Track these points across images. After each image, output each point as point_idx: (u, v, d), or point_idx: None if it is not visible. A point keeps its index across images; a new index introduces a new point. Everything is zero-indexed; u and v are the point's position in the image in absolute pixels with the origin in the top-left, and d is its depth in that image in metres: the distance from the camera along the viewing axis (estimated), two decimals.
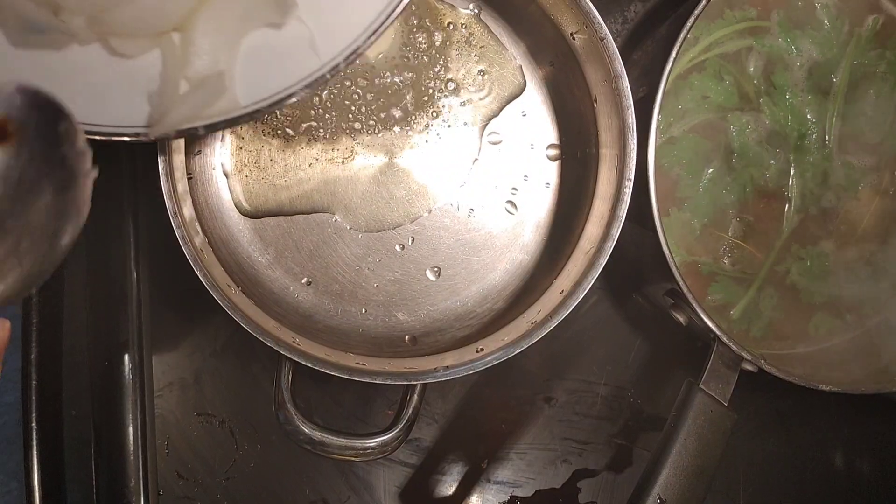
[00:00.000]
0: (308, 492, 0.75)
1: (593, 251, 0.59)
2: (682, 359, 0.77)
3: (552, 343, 0.67)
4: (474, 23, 0.67)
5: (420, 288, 0.67)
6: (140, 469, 0.67)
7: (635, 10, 0.76)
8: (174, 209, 0.56)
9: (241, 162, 0.66)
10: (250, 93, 0.45)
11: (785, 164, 0.69)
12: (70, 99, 0.39)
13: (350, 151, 0.67)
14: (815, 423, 0.79)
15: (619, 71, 0.58)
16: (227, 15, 0.44)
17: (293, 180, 0.66)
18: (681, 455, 0.58)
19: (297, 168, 0.66)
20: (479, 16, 0.67)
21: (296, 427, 0.58)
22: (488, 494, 0.77)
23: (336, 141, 0.66)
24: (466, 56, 0.67)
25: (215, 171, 0.65)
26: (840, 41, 0.69)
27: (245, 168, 0.66)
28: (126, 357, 0.68)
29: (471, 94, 0.67)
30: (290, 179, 0.66)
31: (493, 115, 0.68)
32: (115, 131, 0.44)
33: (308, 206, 0.66)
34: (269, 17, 0.45)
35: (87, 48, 0.43)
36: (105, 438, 0.67)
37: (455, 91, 0.67)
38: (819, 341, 0.71)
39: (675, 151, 0.68)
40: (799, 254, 0.70)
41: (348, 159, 0.67)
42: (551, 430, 0.77)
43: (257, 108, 0.45)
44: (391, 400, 0.76)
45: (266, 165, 0.66)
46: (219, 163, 0.65)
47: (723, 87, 0.68)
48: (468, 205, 0.68)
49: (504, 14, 0.67)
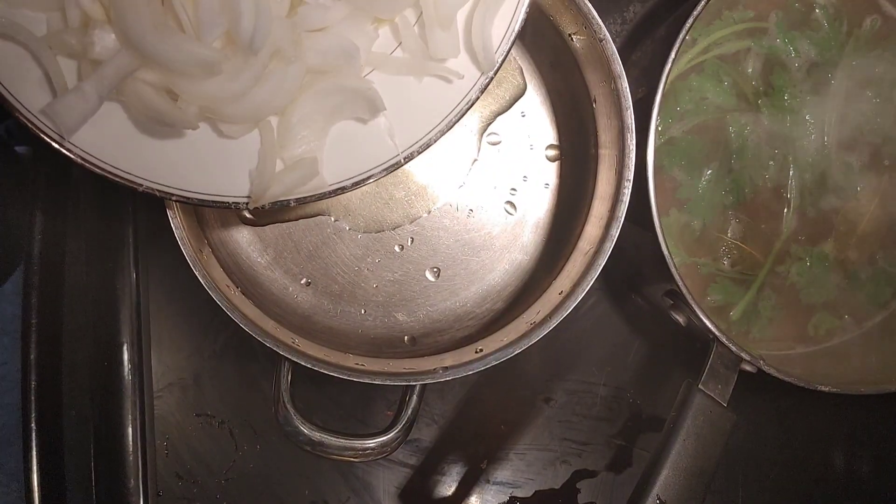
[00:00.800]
0: (307, 492, 0.75)
1: (592, 252, 0.59)
2: (681, 359, 0.77)
3: (551, 343, 0.67)
4: None
5: (419, 288, 0.67)
6: (139, 469, 0.67)
7: (634, 11, 0.76)
8: (173, 210, 0.56)
9: None
10: (335, 173, 0.52)
11: (784, 164, 0.69)
12: (184, 171, 0.49)
13: None
14: (814, 423, 0.79)
15: (618, 72, 0.58)
16: (321, 107, 0.51)
17: None
18: (680, 456, 0.58)
19: None
20: None
21: (295, 428, 0.58)
22: (487, 495, 0.77)
23: None
24: None
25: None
26: (838, 42, 0.69)
27: None
28: (126, 357, 0.68)
29: None
30: None
31: (494, 116, 0.68)
32: (221, 200, 0.51)
33: (309, 210, 0.67)
34: (358, 113, 0.52)
35: (199, 130, 0.50)
36: (105, 439, 0.67)
37: None
38: (819, 341, 0.72)
39: (674, 152, 0.68)
40: (798, 254, 0.70)
41: None
42: (551, 431, 0.77)
43: (341, 187, 0.52)
44: (390, 400, 0.76)
45: None
46: None
47: (721, 88, 0.68)
48: (467, 205, 0.68)
49: None
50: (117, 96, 0.48)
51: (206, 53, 0.45)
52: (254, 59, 0.47)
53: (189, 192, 0.50)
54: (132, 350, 0.68)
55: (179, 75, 0.46)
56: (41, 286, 0.66)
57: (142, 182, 0.49)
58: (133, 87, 0.47)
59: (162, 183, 0.50)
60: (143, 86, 0.47)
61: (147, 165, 0.49)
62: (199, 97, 0.47)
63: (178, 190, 0.50)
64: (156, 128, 0.49)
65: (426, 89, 0.52)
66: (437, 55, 0.51)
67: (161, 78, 0.47)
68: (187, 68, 0.46)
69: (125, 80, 0.46)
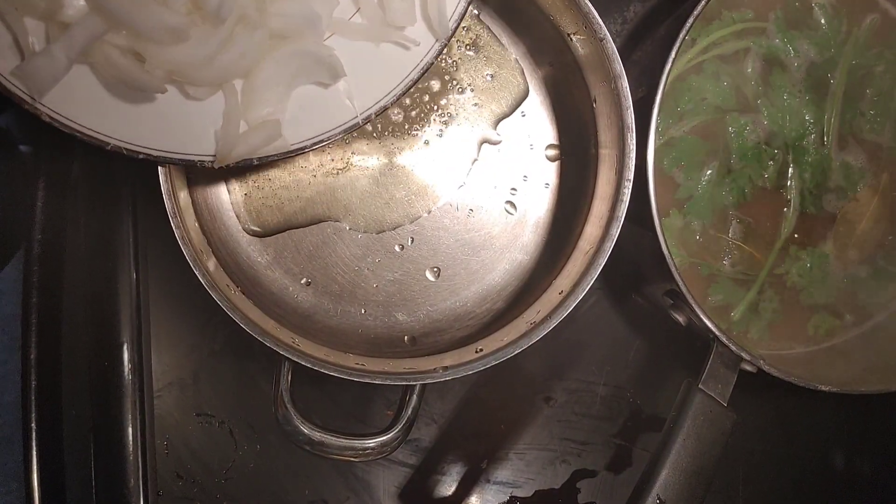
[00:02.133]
0: (307, 492, 0.75)
1: (592, 251, 0.59)
2: (681, 359, 0.77)
3: (551, 343, 0.67)
4: (477, 24, 0.67)
5: (419, 288, 0.67)
6: (139, 469, 0.67)
7: (634, 11, 0.76)
8: (173, 209, 0.56)
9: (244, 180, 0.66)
10: (296, 133, 0.54)
11: (784, 164, 0.69)
12: (151, 131, 0.51)
13: (350, 154, 0.67)
14: (815, 423, 0.79)
15: (618, 71, 0.58)
16: (283, 72, 0.52)
17: (294, 192, 0.66)
18: (680, 455, 0.58)
19: (298, 174, 0.66)
20: (479, 17, 0.68)
21: (295, 427, 0.58)
22: (488, 495, 0.76)
23: (335, 145, 0.66)
24: (474, 61, 0.67)
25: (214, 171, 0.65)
26: (838, 41, 0.69)
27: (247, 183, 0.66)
28: (125, 357, 0.68)
29: (473, 96, 0.68)
30: (293, 191, 0.66)
31: (498, 120, 0.68)
32: (187, 159, 0.52)
33: (312, 216, 0.67)
34: (320, 78, 0.53)
35: (167, 93, 0.51)
36: (105, 438, 0.67)
37: (460, 91, 0.67)
38: (819, 341, 0.72)
39: (674, 153, 0.68)
40: (798, 254, 0.70)
41: (348, 161, 0.67)
42: (550, 431, 0.77)
43: (301, 147, 0.54)
44: (390, 400, 0.76)
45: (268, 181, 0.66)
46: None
47: (721, 88, 0.68)
48: (468, 205, 0.68)
49: (503, 15, 0.68)
50: (85, 59, 0.48)
51: (174, 20, 0.46)
52: (221, 26, 0.48)
53: (156, 150, 0.51)
54: (132, 350, 0.68)
55: (147, 40, 0.47)
56: (41, 286, 0.66)
57: (109, 141, 0.50)
58: (101, 50, 0.48)
59: (129, 142, 0.51)
60: (112, 49, 0.48)
61: (114, 125, 0.50)
62: (167, 62, 0.48)
63: (145, 148, 0.51)
64: (123, 89, 0.50)
65: (383, 53, 0.54)
66: (395, 23, 0.53)
67: (129, 41, 0.48)
68: (156, 34, 0.47)
69: (93, 43, 0.47)
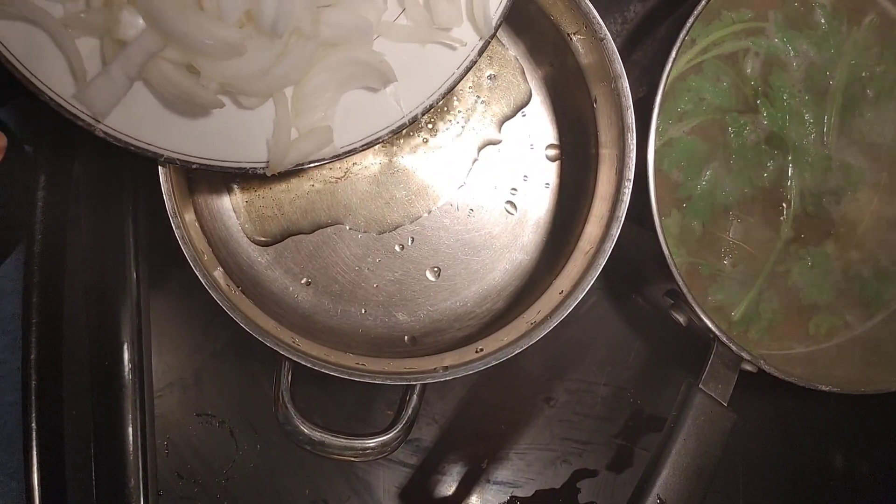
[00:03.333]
0: (308, 492, 0.75)
1: (593, 251, 0.59)
2: (681, 359, 0.77)
3: (552, 343, 0.67)
4: None
5: (420, 288, 0.67)
6: (140, 469, 0.67)
7: (635, 11, 0.76)
8: (174, 209, 0.56)
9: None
10: (345, 136, 0.54)
11: (783, 165, 0.69)
12: (201, 140, 0.51)
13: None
14: (815, 423, 0.79)
15: (618, 71, 0.58)
16: (333, 78, 0.53)
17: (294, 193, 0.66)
18: (680, 455, 0.58)
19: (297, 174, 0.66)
20: None
21: (295, 427, 0.58)
22: (488, 495, 0.77)
23: None
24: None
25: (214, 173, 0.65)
26: (837, 41, 0.69)
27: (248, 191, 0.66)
28: (126, 357, 0.68)
29: (473, 96, 0.68)
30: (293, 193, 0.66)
31: (501, 122, 0.68)
32: (239, 166, 0.53)
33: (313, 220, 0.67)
34: (370, 83, 0.54)
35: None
36: (105, 438, 0.67)
37: (461, 92, 0.67)
38: (819, 341, 0.72)
39: (674, 153, 0.68)
40: (799, 254, 0.70)
41: (348, 161, 0.67)
42: (551, 431, 0.77)
43: (351, 150, 0.55)
44: (391, 400, 0.76)
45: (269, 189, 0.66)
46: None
47: (721, 88, 0.68)
48: (468, 205, 0.68)
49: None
50: (139, 75, 0.49)
51: (231, 35, 0.47)
52: (277, 40, 0.49)
53: (208, 159, 0.52)
54: (132, 350, 0.68)
55: (202, 55, 0.48)
56: (41, 285, 0.66)
57: (163, 152, 0.51)
58: (156, 65, 0.48)
59: (182, 152, 0.51)
60: (166, 64, 0.48)
61: (167, 137, 0.51)
62: (221, 75, 0.49)
63: (198, 158, 0.52)
64: (175, 101, 0.51)
65: (428, 53, 0.55)
66: (442, 24, 0.53)
67: (183, 56, 0.48)
68: (212, 49, 0.47)
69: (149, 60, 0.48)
